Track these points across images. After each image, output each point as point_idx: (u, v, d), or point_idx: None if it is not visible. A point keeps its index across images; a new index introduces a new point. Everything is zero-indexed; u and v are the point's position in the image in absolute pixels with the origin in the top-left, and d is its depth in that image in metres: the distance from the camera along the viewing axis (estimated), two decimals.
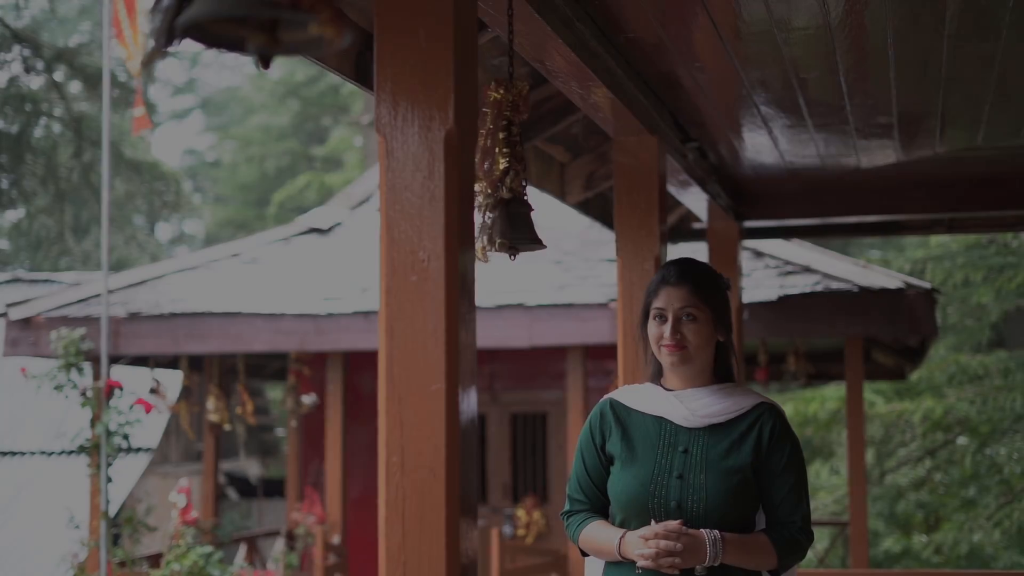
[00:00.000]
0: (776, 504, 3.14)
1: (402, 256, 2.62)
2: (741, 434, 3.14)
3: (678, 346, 3.15)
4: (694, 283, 3.20)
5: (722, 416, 3.16)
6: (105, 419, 8.75)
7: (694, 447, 3.12)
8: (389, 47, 2.66)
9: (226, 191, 35.48)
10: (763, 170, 6.42)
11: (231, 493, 15.78)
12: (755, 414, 3.17)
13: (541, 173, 5.97)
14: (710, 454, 3.11)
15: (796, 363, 9.31)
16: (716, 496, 3.05)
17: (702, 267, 3.30)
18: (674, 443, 3.14)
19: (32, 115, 25.80)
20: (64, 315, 9.42)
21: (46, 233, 28.27)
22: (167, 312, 9.24)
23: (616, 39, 4.19)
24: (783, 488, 3.13)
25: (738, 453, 3.11)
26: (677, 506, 3.05)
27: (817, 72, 4.61)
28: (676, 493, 3.07)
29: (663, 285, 3.22)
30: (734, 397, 3.20)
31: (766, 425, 3.15)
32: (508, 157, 3.00)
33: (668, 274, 3.24)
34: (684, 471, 3.09)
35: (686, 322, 3.17)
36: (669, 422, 3.17)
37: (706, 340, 3.18)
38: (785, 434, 3.18)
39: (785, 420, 3.22)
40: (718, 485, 3.06)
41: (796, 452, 3.19)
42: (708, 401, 3.18)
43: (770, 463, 3.13)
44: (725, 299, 3.28)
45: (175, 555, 8.49)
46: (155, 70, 9.23)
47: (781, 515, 3.14)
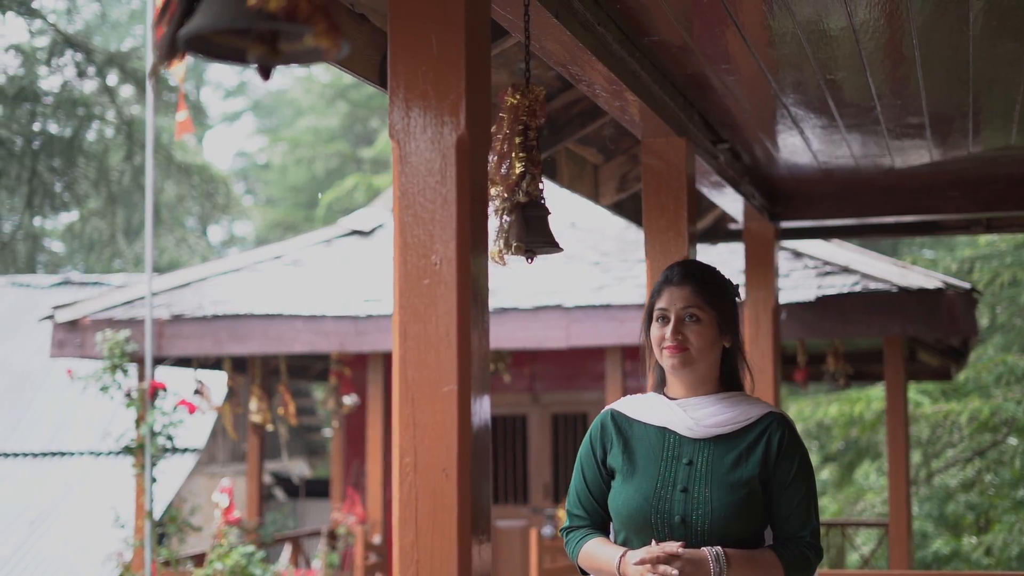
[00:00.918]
0: (784, 518, 3.02)
1: (415, 260, 2.67)
2: (749, 445, 3.01)
3: (679, 347, 3.04)
4: (698, 283, 3.10)
5: (728, 426, 3.03)
6: (149, 420, 8.88)
7: (699, 459, 3.00)
8: (402, 55, 2.71)
9: (276, 193, 35.71)
10: (798, 171, 6.42)
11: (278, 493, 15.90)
12: (763, 424, 3.03)
13: (574, 175, 6.00)
14: (716, 466, 2.98)
15: (835, 363, 9.28)
16: (721, 510, 2.93)
17: (708, 268, 3.21)
18: (678, 455, 3.01)
19: (84, 119, 26.10)
20: (109, 317, 9.55)
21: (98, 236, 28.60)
22: (209, 314, 9.34)
23: (641, 42, 4.22)
24: (791, 501, 3.01)
25: (745, 465, 2.99)
26: (681, 521, 2.93)
27: (844, 73, 4.61)
28: (680, 507, 2.95)
29: (666, 285, 3.12)
30: (741, 406, 3.07)
31: (774, 436, 3.02)
32: (525, 161, 3.03)
33: (671, 274, 3.14)
34: (688, 484, 2.96)
35: (689, 323, 3.05)
36: (673, 433, 3.05)
37: (709, 343, 3.06)
38: (794, 445, 3.05)
39: (794, 431, 3.10)
40: (724, 499, 2.94)
41: (805, 464, 3.06)
42: (713, 410, 3.05)
43: (778, 475, 3.01)
44: (732, 303, 3.17)
45: (218, 554, 8.59)
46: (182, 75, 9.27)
47: (789, 530, 3.03)
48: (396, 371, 2.67)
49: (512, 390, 11.19)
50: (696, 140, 5.07)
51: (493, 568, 11.18)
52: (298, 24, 1.77)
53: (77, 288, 16.00)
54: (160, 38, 1.88)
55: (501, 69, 4.73)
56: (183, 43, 1.85)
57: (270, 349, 9.34)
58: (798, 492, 3.01)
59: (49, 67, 25.54)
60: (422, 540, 2.63)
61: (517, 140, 3.04)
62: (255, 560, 8.64)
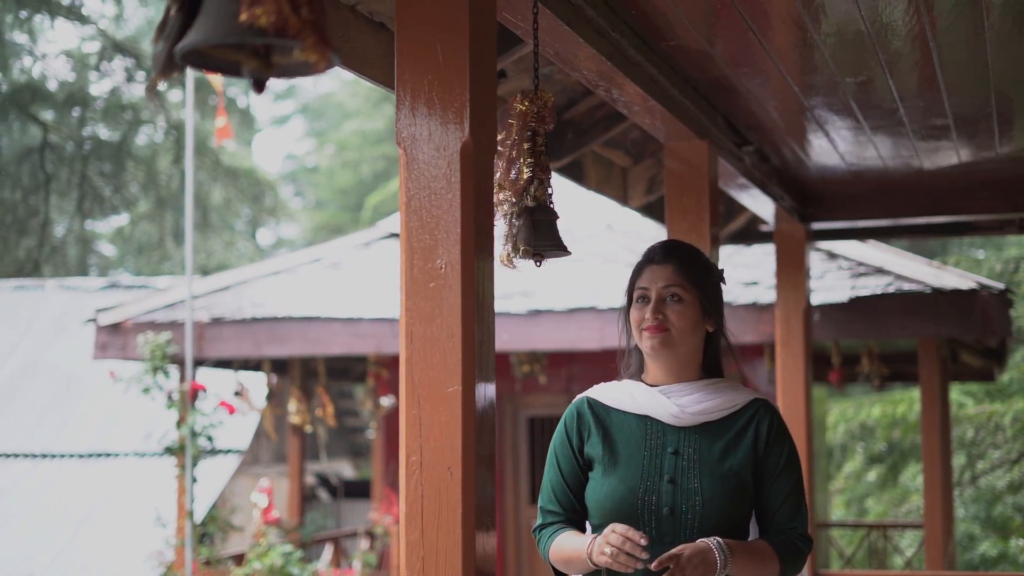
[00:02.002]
0: (774, 509, 2.92)
1: (421, 264, 2.73)
2: (737, 433, 2.90)
3: (659, 328, 2.90)
4: (681, 263, 2.98)
5: (715, 413, 2.91)
6: (190, 421, 9.01)
7: (685, 448, 2.88)
8: (408, 63, 2.77)
9: (325, 195, 35.94)
10: (828, 172, 6.44)
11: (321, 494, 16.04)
12: (750, 411, 2.93)
13: (601, 178, 6.05)
14: (704, 456, 2.86)
15: (870, 365, 9.28)
16: (712, 501, 2.82)
17: (691, 249, 3.10)
18: (662, 444, 2.88)
19: (133, 124, 26.42)
20: (151, 320, 9.69)
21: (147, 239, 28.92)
22: (248, 317, 9.46)
23: (659, 47, 4.26)
24: (782, 492, 2.92)
25: (734, 454, 2.88)
26: (670, 512, 2.82)
27: (864, 76, 4.64)
28: (668, 498, 2.83)
29: (647, 264, 3.00)
30: (726, 393, 2.95)
31: (762, 423, 2.92)
32: (533, 166, 3.08)
33: (653, 253, 3.02)
34: (676, 474, 2.84)
35: (670, 303, 2.93)
36: (655, 421, 2.92)
37: (692, 325, 2.93)
38: (782, 434, 2.95)
39: (781, 418, 3.00)
40: (715, 489, 2.83)
41: (793, 453, 2.97)
42: (697, 397, 2.92)
43: (767, 465, 2.90)
44: (716, 286, 3.05)
45: (256, 554, 8.70)
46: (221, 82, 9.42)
47: (780, 521, 2.92)
48: (402, 372, 2.74)
49: (549, 391, 11.24)
50: (719, 143, 5.11)
51: (529, 566, 11.23)
52: (287, 39, 1.84)
53: (124, 291, 16.20)
54: (158, 53, 1.96)
55: (523, 74, 4.79)
56: (180, 57, 1.93)
57: (308, 351, 9.45)
58: (788, 482, 2.92)
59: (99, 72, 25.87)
60: (427, 537, 2.69)
61: (525, 145, 3.09)
62: (293, 559, 8.75)
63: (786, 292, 7.02)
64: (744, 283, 8.66)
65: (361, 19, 3.72)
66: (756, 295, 8.39)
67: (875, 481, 17.24)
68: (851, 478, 17.60)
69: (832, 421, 16.59)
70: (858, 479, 17.47)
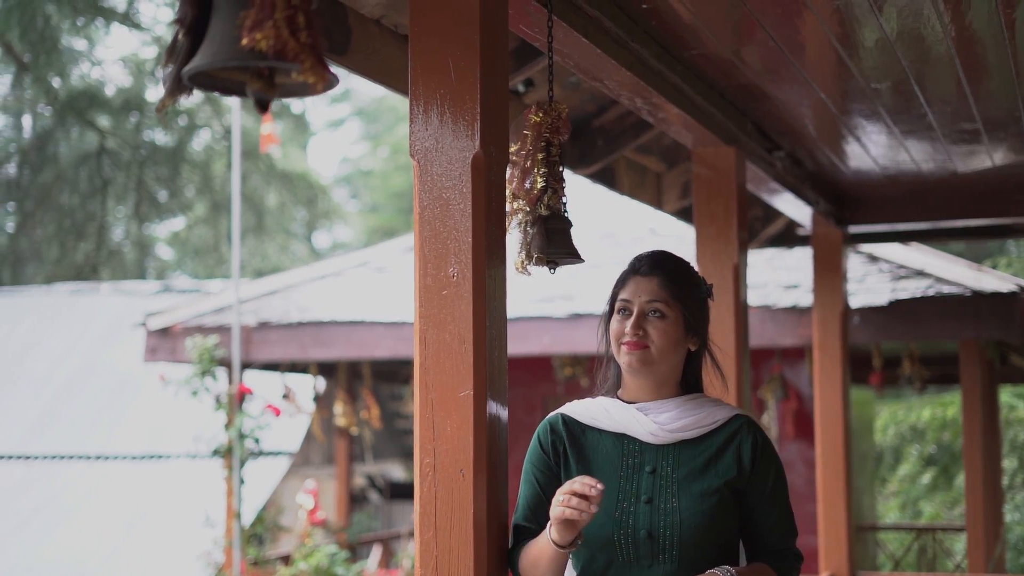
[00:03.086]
0: (767, 530, 2.80)
1: (434, 272, 2.82)
2: (718, 450, 2.77)
3: (639, 344, 2.78)
4: (667, 276, 2.84)
5: (694, 430, 2.78)
6: (237, 423, 9.15)
7: (662, 466, 2.75)
8: (421, 76, 2.86)
9: (379, 198, 36.15)
10: (863, 176, 6.47)
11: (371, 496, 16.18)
12: (732, 428, 2.81)
13: (634, 183, 6.12)
14: (682, 474, 2.73)
15: (911, 367, 9.27)
16: (691, 520, 2.68)
17: (680, 262, 2.93)
18: (639, 463, 2.76)
19: (188, 128, 26.74)
20: (199, 324, 9.85)
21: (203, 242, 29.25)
22: (295, 320, 9.60)
23: (683, 56, 4.33)
24: (774, 513, 2.80)
25: (715, 471, 2.75)
26: (648, 535, 2.68)
27: (889, 82, 4.68)
28: (645, 520, 2.70)
29: (632, 275, 2.87)
30: (706, 408, 2.83)
31: (746, 441, 2.79)
32: (547, 176, 3.16)
33: (639, 264, 2.88)
34: (653, 495, 2.71)
35: (652, 319, 2.80)
36: (632, 439, 2.80)
37: (673, 344, 2.81)
38: (768, 451, 2.82)
39: (765, 436, 2.85)
40: (693, 508, 2.69)
41: (781, 471, 2.85)
42: (676, 414, 2.80)
43: (756, 486, 2.78)
44: (703, 303, 2.92)
45: (302, 554, 8.82)
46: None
47: (774, 542, 2.81)
48: (417, 377, 2.83)
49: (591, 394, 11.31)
50: (748, 148, 5.17)
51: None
52: (287, 62, 1.93)
53: (176, 295, 16.43)
54: (167, 76, 2.06)
55: None
56: (188, 79, 2.03)
57: (353, 354, 9.57)
58: (779, 502, 2.81)
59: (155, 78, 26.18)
60: (441, 537, 2.78)
61: (539, 156, 3.17)
62: (339, 560, 8.87)
63: (823, 295, 7.06)
64: (784, 286, 8.69)
65: (386, 32, 3.82)
66: (796, 298, 8.41)
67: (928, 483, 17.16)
68: (905, 480, 17.51)
69: (882, 423, 16.53)
70: (912, 481, 17.39)
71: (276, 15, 1.92)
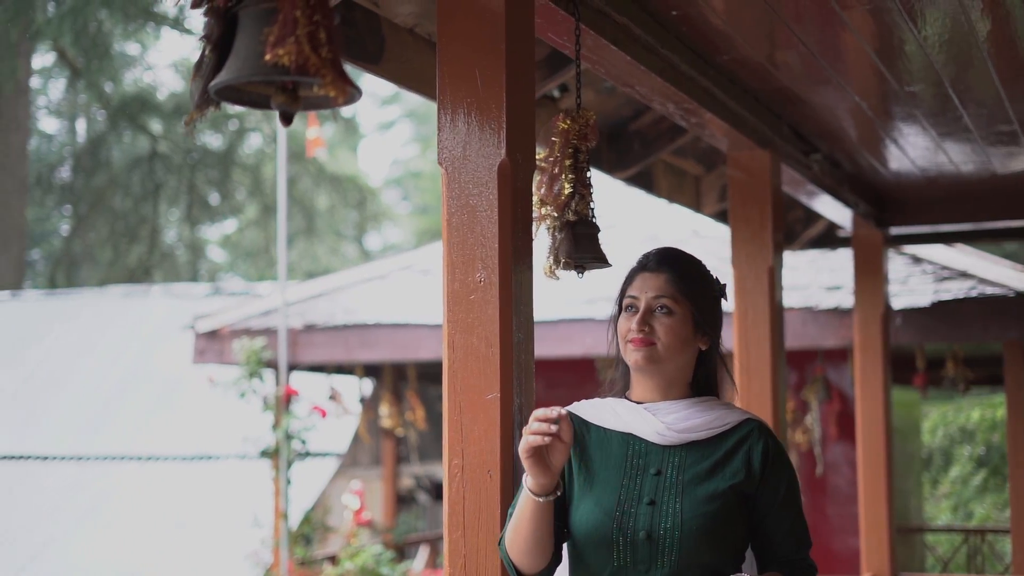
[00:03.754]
0: (779, 540, 2.70)
1: (461, 277, 2.88)
2: (726, 453, 2.67)
3: (644, 341, 2.69)
4: (675, 273, 2.75)
5: (703, 431, 2.68)
6: (284, 424, 9.27)
7: (668, 468, 2.65)
8: (448, 85, 2.93)
9: (430, 200, 36.27)
10: (903, 177, 6.47)
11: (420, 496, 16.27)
12: (742, 432, 2.70)
13: (672, 186, 6.16)
14: (687, 476, 2.63)
15: (954, 369, 9.25)
16: (692, 523, 2.57)
17: (690, 259, 2.84)
18: (644, 464, 2.66)
19: (239, 132, 27.00)
20: (247, 327, 9.97)
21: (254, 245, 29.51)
22: (340, 323, 9.71)
23: (715, 61, 4.37)
24: (785, 521, 2.69)
25: (721, 475, 2.64)
26: (647, 536, 2.57)
27: (922, 85, 4.69)
28: (645, 521, 2.59)
29: (640, 271, 2.79)
30: (716, 411, 2.72)
31: (756, 446, 2.68)
32: (574, 182, 3.22)
33: (647, 260, 2.80)
34: (656, 496, 2.61)
35: (659, 315, 2.71)
36: (638, 439, 2.70)
37: (681, 342, 2.71)
38: (779, 457, 2.71)
39: (777, 441, 2.74)
40: (695, 511, 2.58)
41: (794, 478, 2.74)
42: (685, 415, 2.71)
43: (767, 493, 2.67)
44: (714, 301, 2.82)
45: (348, 554, 8.91)
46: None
47: (786, 552, 2.70)
48: (445, 380, 2.89)
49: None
50: (783, 152, 5.19)
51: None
52: (308, 76, 2.01)
53: (225, 298, 16.61)
54: (195, 90, 2.14)
55: (586, 88, 4.92)
56: (214, 93, 2.11)
57: (398, 356, 9.66)
58: (790, 511, 2.70)
59: None
60: (469, 536, 2.84)
61: (567, 162, 3.23)
62: (384, 560, 8.96)
63: (864, 297, 7.07)
64: (826, 288, 8.69)
65: (419, 40, 3.89)
66: (838, 300, 8.41)
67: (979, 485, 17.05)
68: (957, 482, 17.41)
69: (931, 425, 16.45)
70: (964, 483, 17.29)
71: (298, 31, 2.00)
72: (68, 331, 17.85)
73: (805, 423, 9.41)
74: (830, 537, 9.24)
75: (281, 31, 2.00)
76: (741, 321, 5.03)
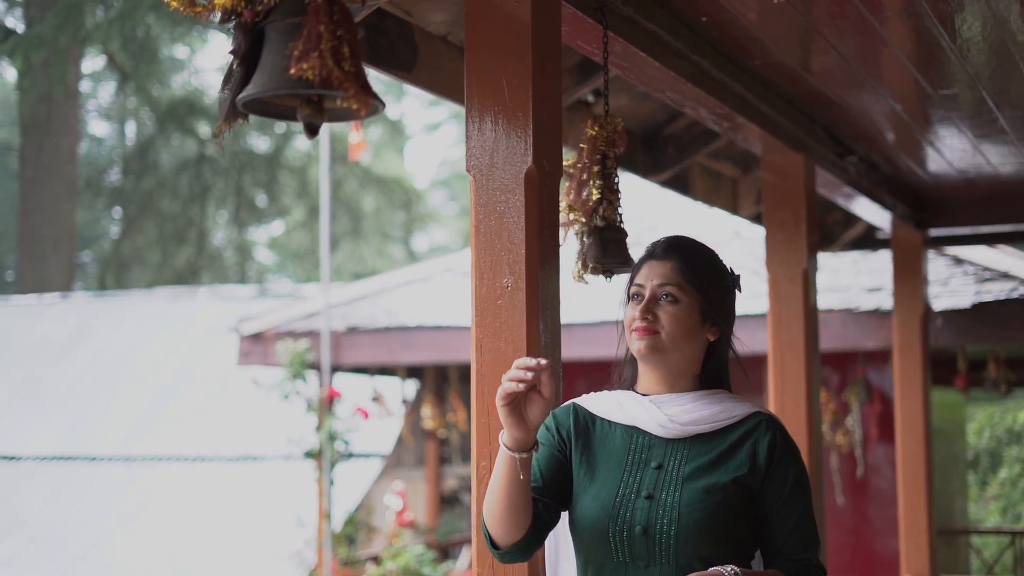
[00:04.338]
0: (783, 539, 2.57)
1: (489, 282, 2.93)
2: (730, 446, 2.57)
3: (647, 330, 2.58)
4: (682, 260, 2.64)
5: (707, 424, 2.58)
6: (327, 426, 9.36)
7: (670, 461, 2.56)
8: (476, 94, 2.98)
9: None
10: (941, 179, 6.46)
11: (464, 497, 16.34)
12: (748, 425, 2.59)
13: (709, 189, 6.18)
14: (688, 470, 2.54)
15: (996, 370, 9.20)
16: (689, 517, 2.48)
17: (699, 247, 2.72)
18: (646, 458, 2.57)
19: (285, 135, 27.17)
20: (290, 329, 10.08)
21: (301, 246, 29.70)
22: (382, 325, 9.79)
23: (747, 65, 4.40)
24: (791, 518, 2.56)
25: (724, 469, 2.54)
26: (643, 532, 2.48)
27: (956, 88, 4.70)
28: (642, 516, 2.50)
29: (647, 259, 2.69)
30: (724, 404, 2.61)
31: (762, 439, 2.57)
32: (602, 188, 3.27)
33: (654, 247, 2.70)
34: (655, 490, 2.52)
35: (664, 303, 2.60)
36: (642, 432, 2.61)
37: (686, 331, 2.60)
38: (787, 451, 2.59)
39: (786, 434, 2.62)
40: (693, 506, 2.49)
41: (802, 474, 2.61)
42: (691, 407, 2.60)
43: (772, 487, 2.56)
44: (724, 291, 2.69)
45: (390, 554, 8.99)
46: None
47: (791, 550, 2.57)
48: (473, 383, 2.94)
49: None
50: (818, 154, 5.21)
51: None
52: (332, 89, 2.06)
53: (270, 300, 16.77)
54: (223, 102, 2.20)
55: (620, 93, 4.97)
56: (242, 105, 2.17)
57: (439, 358, 9.73)
58: (797, 507, 2.57)
59: None
60: None
61: (595, 169, 3.28)
62: (426, 560, 9.03)
63: (903, 298, 7.07)
64: (867, 289, 8.68)
65: (452, 48, 3.94)
66: (879, 301, 8.40)
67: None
68: (1006, 484, 17.30)
69: (977, 427, 16.35)
70: (1013, 485, 17.17)
71: (322, 46, 2.05)
72: (116, 333, 18.08)
73: (846, 425, 9.40)
74: (872, 539, 9.22)
75: (305, 46, 2.06)
76: (775, 324, 5.06)
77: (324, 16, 2.07)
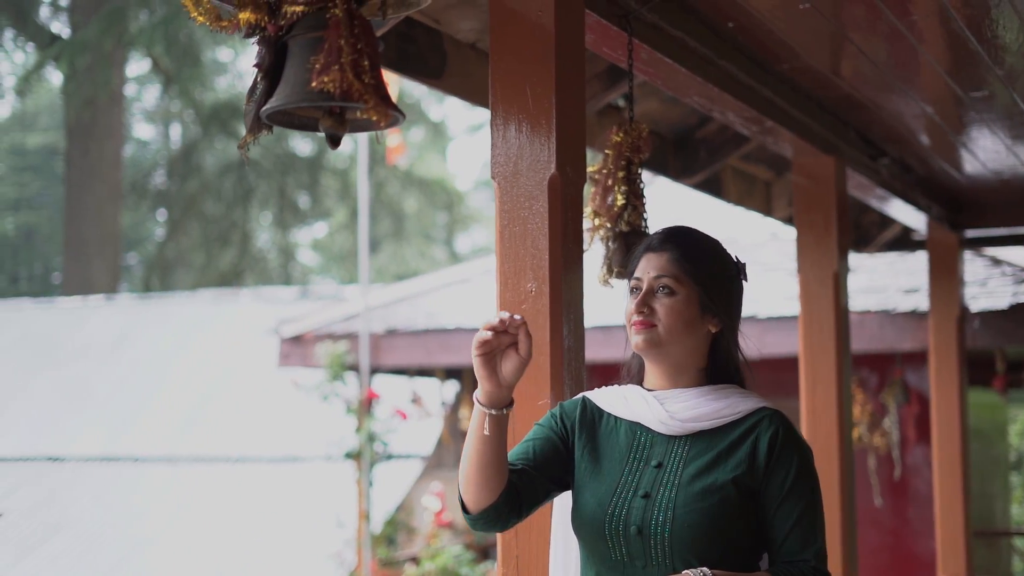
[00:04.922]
0: (781, 538, 2.45)
1: (513, 286, 2.98)
2: (731, 444, 2.47)
3: (644, 323, 2.51)
4: (679, 251, 2.56)
5: (709, 421, 2.49)
6: (367, 427, 9.43)
7: (670, 460, 2.48)
8: (501, 101, 3.02)
9: None
10: (977, 180, 6.46)
11: None
12: (751, 421, 2.49)
13: (742, 192, 6.20)
14: (687, 468, 2.45)
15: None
16: (685, 518, 2.39)
17: (699, 236, 2.64)
18: (647, 456, 2.50)
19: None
20: (330, 332, 10.16)
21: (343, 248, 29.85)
22: (420, 327, 9.86)
23: (775, 69, 4.42)
24: (790, 517, 2.44)
25: (724, 467, 2.44)
26: (638, 531, 2.41)
27: (987, 91, 4.71)
28: (638, 515, 2.42)
29: (645, 252, 2.61)
30: (730, 399, 2.52)
31: (764, 435, 2.46)
32: (627, 193, 3.31)
33: (653, 239, 2.63)
34: (652, 489, 2.44)
35: (660, 296, 2.52)
36: (646, 429, 2.53)
37: (683, 323, 2.51)
38: (790, 447, 2.47)
39: (791, 429, 2.51)
40: (689, 505, 2.40)
41: (805, 471, 2.48)
42: (694, 403, 2.51)
43: (771, 485, 2.45)
44: (727, 281, 2.60)
45: (428, 555, 9.05)
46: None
47: (787, 551, 2.44)
48: None
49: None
50: (849, 156, 5.23)
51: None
52: (352, 101, 2.12)
53: (312, 302, 16.89)
54: (248, 114, 2.26)
55: (651, 97, 5.01)
56: (266, 117, 2.23)
57: None
58: (797, 506, 2.44)
59: None
60: (521, 537, 2.93)
61: (620, 174, 3.32)
62: (464, 560, 9.09)
63: (939, 299, 7.07)
64: (904, 290, 8.66)
65: (481, 55, 4.00)
66: (916, 302, 8.38)
67: None
68: None
69: (1020, 428, 16.23)
70: None
71: (342, 59, 2.11)
72: (160, 335, 18.25)
73: (883, 426, 9.38)
74: (910, 540, 9.20)
75: (326, 59, 2.11)
76: (807, 326, 5.08)
77: (345, 30, 2.13)
